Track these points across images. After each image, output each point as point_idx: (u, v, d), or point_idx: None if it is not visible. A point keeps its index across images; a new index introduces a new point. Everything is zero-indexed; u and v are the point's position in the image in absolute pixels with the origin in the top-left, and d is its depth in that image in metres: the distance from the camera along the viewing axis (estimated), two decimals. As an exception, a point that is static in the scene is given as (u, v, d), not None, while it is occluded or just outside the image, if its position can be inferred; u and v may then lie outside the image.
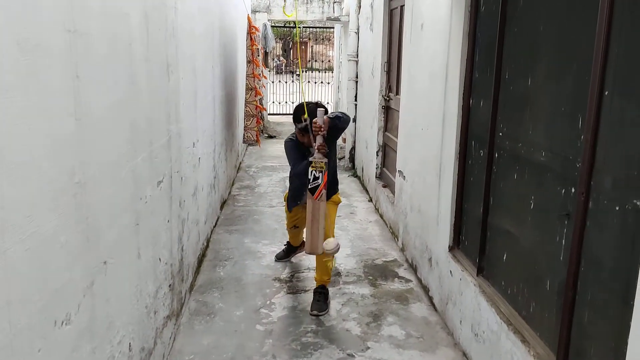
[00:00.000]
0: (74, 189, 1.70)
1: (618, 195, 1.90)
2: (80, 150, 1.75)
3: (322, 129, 3.64)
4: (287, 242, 4.61)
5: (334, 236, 3.87)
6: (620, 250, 1.89)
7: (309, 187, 3.73)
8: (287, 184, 4.17)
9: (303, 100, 3.82)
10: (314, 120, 3.65)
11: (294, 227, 4.39)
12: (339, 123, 3.75)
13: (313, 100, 4.00)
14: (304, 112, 3.71)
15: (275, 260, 4.55)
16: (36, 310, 1.47)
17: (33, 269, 1.46)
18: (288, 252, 4.58)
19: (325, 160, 3.71)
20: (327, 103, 14.96)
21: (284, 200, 4.37)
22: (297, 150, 3.92)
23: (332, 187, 3.99)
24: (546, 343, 2.40)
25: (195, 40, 4.04)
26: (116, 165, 2.13)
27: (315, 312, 3.66)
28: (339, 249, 3.67)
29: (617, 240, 1.91)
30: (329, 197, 3.89)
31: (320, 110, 3.67)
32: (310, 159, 3.71)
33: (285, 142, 4.01)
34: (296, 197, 4.09)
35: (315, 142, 3.71)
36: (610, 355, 1.94)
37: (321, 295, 3.79)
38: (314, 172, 3.71)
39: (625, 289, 1.84)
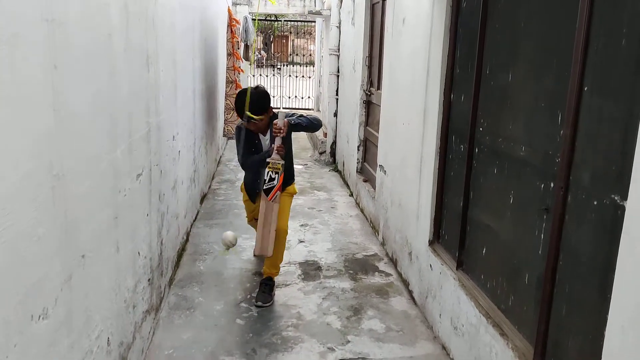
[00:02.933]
0: (52, 181, 1.67)
1: (596, 189, 1.93)
2: (59, 142, 1.72)
3: (282, 131, 3.61)
4: None
5: (285, 229, 3.85)
6: (598, 244, 1.92)
7: (264, 187, 3.69)
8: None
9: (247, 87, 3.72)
10: (274, 122, 3.63)
11: (255, 219, 4.33)
12: (301, 127, 3.74)
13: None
14: (245, 106, 3.59)
15: (255, 255, 4.52)
16: (12, 305, 1.44)
17: (9, 263, 1.42)
18: None
19: (282, 162, 3.67)
20: (309, 97, 14.94)
21: (241, 191, 4.28)
22: (246, 138, 3.80)
23: (288, 178, 3.91)
24: (525, 336, 2.43)
25: (176, 32, 4.00)
26: (95, 158, 2.10)
27: (259, 303, 3.67)
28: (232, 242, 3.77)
29: (595, 234, 1.94)
30: (283, 188, 3.84)
31: (281, 112, 3.66)
32: (268, 159, 3.66)
33: (235, 129, 3.90)
34: (253, 187, 4.01)
35: (274, 143, 3.66)
36: (587, 348, 1.97)
37: (267, 287, 3.79)
38: (270, 172, 3.67)
39: (603, 282, 1.87)
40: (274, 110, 3.83)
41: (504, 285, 2.65)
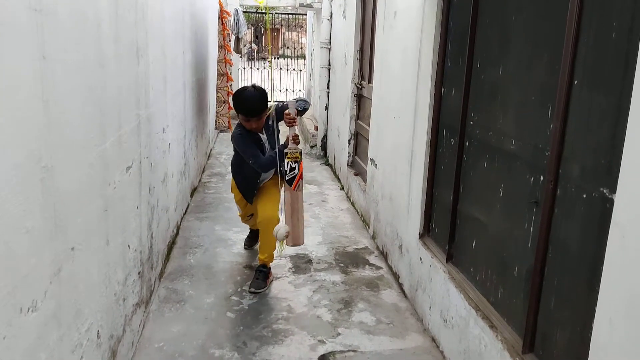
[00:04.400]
0: (41, 173, 1.66)
1: (585, 183, 1.94)
2: (47, 133, 1.70)
3: (295, 121, 3.66)
4: (250, 229, 4.61)
5: (277, 217, 3.83)
6: (587, 237, 1.94)
7: (287, 178, 3.71)
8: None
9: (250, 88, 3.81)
10: (285, 112, 3.68)
11: (249, 216, 4.37)
12: (304, 111, 3.87)
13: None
14: (247, 107, 3.65)
15: (245, 248, 4.52)
16: (1, 297, 1.43)
17: (-2, 255, 1.42)
18: (255, 237, 4.55)
19: (300, 149, 3.71)
20: (300, 90, 14.91)
21: (232, 192, 4.28)
22: (251, 140, 3.79)
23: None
24: (514, 328, 2.45)
25: (166, 24, 3.97)
26: (84, 150, 2.08)
27: (252, 289, 3.76)
28: (287, 234, 3.65)
29: (584, 227, 1.96)
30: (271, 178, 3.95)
31: (291, 102, 3.70)
32: (286, 150, 3.68)
33: (235, 135, 3.83)
34: (252, 188, 3.99)
35: (290, 134, 3.70)
36: (575, 340, 1.99)
37: (261, 274, 3.86)
38: (289, 162, 3.68)
39: (591, 275, 1.88)
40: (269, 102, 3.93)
41: (494, 278, 2.67)
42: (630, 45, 1.71)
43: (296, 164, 3.69)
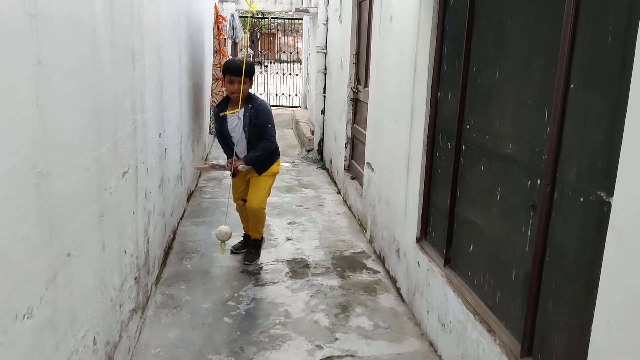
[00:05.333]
0: (36, 178, 1.65)
1: (583, 186, 1.94)
2: (43, 138, 1.69)
3: (232, 169, 4.16)
4: (244, 234, 4.61)
5: (263, 207, 4.28)
6: (585, 240, 1.93)
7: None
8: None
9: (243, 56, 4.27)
10: (235, 167, 4.13)
11: (242, 200, 4.44)
12: (258, 159, 4.16)
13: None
14: (242, 67, 3.97)
15: (231, 253, 4.50)
16: (-4, 304, 1.42)
17: (-8, 261, 1.40)
18: (245, 244, 4.55)
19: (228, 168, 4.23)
20: (296, 95, 14.92)
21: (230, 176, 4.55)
22: (217, 117, 4.22)
23: (268, 159, 4.23)
24: (512, 332, 2.44)
25: (162, 28, 3.96)
26: (80, 155, 2.07)
27: (246, 262, 4.31)
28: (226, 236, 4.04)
29: (581, 230, 1.95)
30: (264, 168, 4.23)
31: (242, 166, 4.12)
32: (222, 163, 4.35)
33: (214, 108, 4.38)
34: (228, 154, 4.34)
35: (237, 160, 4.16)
36: (574, 344, 1.99)
37: (253, 247, 4.44)
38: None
39: (589, 278, 1.88)
40: (260, 97, 4.34)
41: (491, 282, 2.66)
42: (626, 48, 1.71)
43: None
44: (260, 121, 4.07)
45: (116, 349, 2.63)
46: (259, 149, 4.11)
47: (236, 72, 3.99)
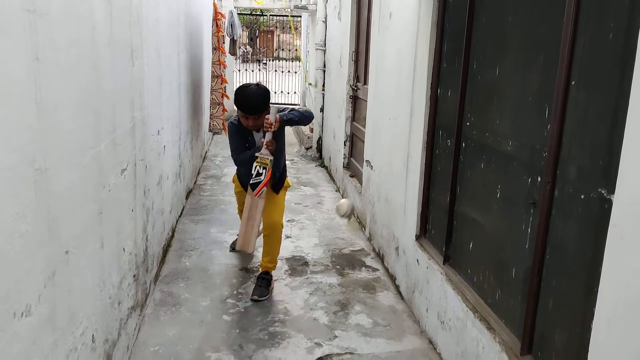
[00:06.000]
0: (34, 175, 1.64)
1: (583, 184, 1.93)
2: (41, 135, 1.68)
3: (273, 127, 3.51)
4: None
5: (281, 223, 3.83)
6: (585, 238, 1.93)
7: (251, 182, 3.59)
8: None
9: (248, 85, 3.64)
10: (265, 116, 3.53)
11: None
12: (294, 122, 3.66)
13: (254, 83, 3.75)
14: (245, 104, 3.51)
15: (230, 251, 4.49)
16: (-6, 302, 1.41)
17: (-9, 259, 1.39)
18: None
19: (271, 158, 3.56)
20: (295, 92, 14.90)
21: (233, 182, 4.23)
22: (240, 135, 3.70)
23: (282, 175, 3.88)
24: (511, 330, 2.44)
25: (160, 25, 3.95)
26: (78, 152, 2.06)
27: (255, 297, 3.67)
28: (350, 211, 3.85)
29: (581, 228, 1.95)
30: (279, 186, 3.84)
31: (272, 107, 3.56)
32: (257, 154, 3.56)
33: (228, 125, 3.77)
34: (248, 180, 3.81)
35: (265, 138, 3.56)
36: (574, 342, 1.98)
37: (264, 281, 3.78)
38: (257, 167, 3.56)
39: (590, 276, 1.87)
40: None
41: (491, 280, 2.66)
42: (627, 45, 1.70)
43: (264, 170, 3.55)
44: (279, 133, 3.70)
45: (115, 347, 2.62)
46: (295, 110, 3.65)
47: (250, 111, 3.53)
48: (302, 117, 3.70)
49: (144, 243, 3.36)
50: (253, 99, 3.51)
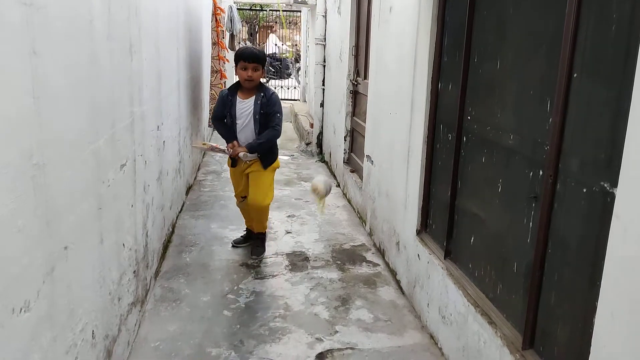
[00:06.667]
0: (32, 170, 1.62)
1: (585, 177, 1.92)
2: (39, 130, 1.67)
3: (234, 151, 4.05)
4: (247, 228, 4.59)
5: (266, 203, 4.20)
6: (587, 231, 1.92)
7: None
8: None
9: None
10: (236, 153, 4.02)
11: (243, 198, 4.37)
12: (261, 147, 4.06)
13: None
14: (256, 53, 4.07)
15: (232, 246, 4.48)
16: (-8, 298, 1.40)
17: (-12, 255, 1.38)
18: (247, 238, 4.53)
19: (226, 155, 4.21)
20: (294, 87, 14.87)
21: (228, 166, 4.41)
22: (224, 104, 4.14)
23: (272, 153, 4.20)
24: (513, 324, 2.43)
25: (160, 20, 3.93)
26: (77, 147, 2.05)
27: (254, 256, 4.27)
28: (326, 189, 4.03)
29: (584, 222, 1.94)
30: (269, 163, 4.18)
31: (245, 154, 4.01)
32: (220, 146, 4.25)
33: (220, 92, 4.37)
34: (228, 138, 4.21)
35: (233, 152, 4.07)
36: (576, 336, 1.97)
37: (258, 240, 4.41)
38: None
39: (592, 270, 1.86)
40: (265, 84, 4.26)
41: (492, 274, 2.65)
42: (630, 37, 1.69)
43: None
44: (270, 110, 4.03)
45: (115, 343, 2.61)
46: (262, 136, 4.02)
47: (250, 58, 3.97)
48: (266, 143, 4.08)
49: (144, 239, 3.35)
50: (254, 49, 4.14)
